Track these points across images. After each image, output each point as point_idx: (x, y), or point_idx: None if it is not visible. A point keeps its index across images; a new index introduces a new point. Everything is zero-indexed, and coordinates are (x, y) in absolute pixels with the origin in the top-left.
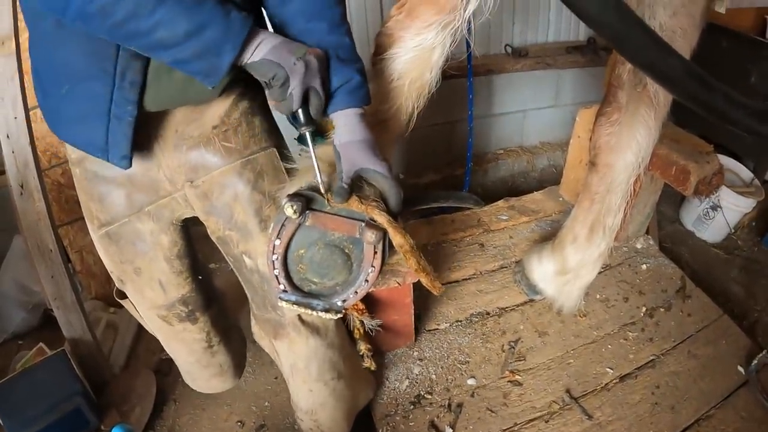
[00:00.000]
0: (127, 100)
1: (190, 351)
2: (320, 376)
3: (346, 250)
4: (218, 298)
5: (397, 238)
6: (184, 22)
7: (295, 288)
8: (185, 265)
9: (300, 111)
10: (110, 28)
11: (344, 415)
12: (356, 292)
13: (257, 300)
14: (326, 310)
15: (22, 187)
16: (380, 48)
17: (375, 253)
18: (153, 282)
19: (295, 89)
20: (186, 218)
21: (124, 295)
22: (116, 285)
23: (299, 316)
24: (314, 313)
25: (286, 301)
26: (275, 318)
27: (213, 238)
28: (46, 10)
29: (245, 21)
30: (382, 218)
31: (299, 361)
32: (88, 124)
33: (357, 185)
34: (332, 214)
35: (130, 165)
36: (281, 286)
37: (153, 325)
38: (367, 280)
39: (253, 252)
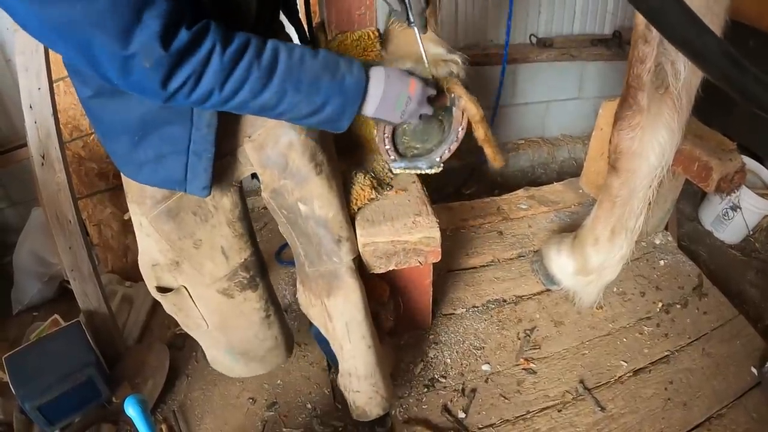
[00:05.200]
0: (206, 140)
1: (250, 324)
2: (373, 329)
3: (440, 117)
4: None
5: (470, 108)
6: (305, 107)
7: (402, 156)
8: (245, 228)
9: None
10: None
11: (389, 379)
12: (450, 149)
13: (311, 253)
14: (430, 167)
15: (43, 157)
16: None
17: (463, 115)
18: (214, 251)
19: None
20: (242, 179)
21: (165, 290)
22: (164, 273)
23: (354, 260)
24: (421, 171)
25: (398, 167)
26: (331, 268)
27: (266, 195)
28: (150, 97)
29: (358, 83)
30: (461, 90)
31: (357, 313)
32: (165, 163)
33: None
34: None
35: (210, 193)
36: (392, 157)
37: (210, 306)
38: (456, 139)
39: (308, 197)
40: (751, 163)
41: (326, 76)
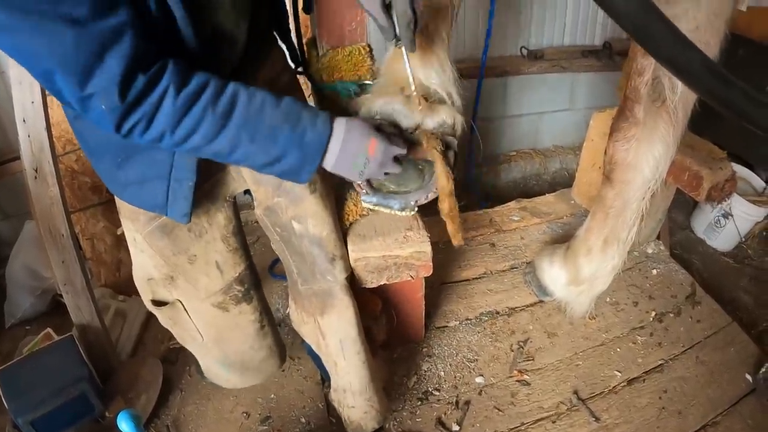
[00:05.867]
0: (187, 167)
1: (245, 336)
2: (366, 344)
3: (420, 166)
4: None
5: (441, 180)
6: (261, 157)
7: (375, 191)
8: (239, 242)
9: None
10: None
11: (382, 393)
12: (427, 197)
13: (305, 271)
14: (402, 209)
15: (36, 171)
16: None
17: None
18: (209, 266)
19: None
20: (236, 195)
21: (160, 303)
22: (159, 287)
23: (347, 278)
24: (392, 210)
25: (368, 202)
26: (325, 287)
27: (259, 212)
28: (110, 132)
29: (320, 138)
30: (437, 157)
31: (351, 330)
32: (147, 186)
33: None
34: (410, 142)
35: (190, 220)
36: (363, 191)
37: (206, 319)
38: (436, 191)
39: (302, 215)
40: (742, 170)
41: (286, 127)
